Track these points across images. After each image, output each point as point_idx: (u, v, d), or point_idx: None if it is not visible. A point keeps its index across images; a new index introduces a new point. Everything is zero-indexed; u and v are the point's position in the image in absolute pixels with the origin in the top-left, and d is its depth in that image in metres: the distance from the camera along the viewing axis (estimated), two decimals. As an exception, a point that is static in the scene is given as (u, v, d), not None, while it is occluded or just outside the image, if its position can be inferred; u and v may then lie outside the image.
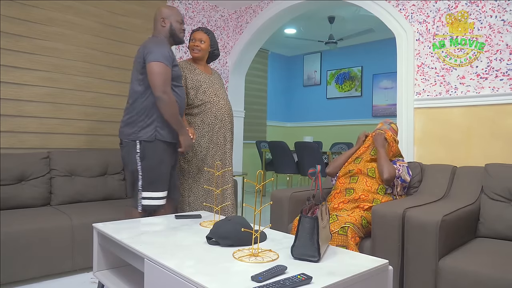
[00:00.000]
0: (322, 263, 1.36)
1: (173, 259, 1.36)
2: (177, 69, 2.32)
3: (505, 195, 2.11)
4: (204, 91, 2.66)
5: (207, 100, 2.65)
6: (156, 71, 2.16)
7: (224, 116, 2.70)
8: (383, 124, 2.65)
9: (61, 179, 2.87)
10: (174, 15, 2.39)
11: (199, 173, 2.67)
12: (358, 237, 2.07)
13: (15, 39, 2.90)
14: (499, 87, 2.61)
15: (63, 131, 3.16)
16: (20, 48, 2.93)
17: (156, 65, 2.16)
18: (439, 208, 1.97)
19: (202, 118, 2.66)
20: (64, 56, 3.16)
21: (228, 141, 2.76)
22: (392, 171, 2.38)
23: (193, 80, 2.66)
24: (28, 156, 2.78)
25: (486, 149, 2.64)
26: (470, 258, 1.75)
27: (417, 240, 1.84)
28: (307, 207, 1.51)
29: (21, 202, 2.66)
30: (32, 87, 2.99)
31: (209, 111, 2.66)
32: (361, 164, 2.50)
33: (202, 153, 2.67)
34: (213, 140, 2.68)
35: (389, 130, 2.60)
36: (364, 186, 2.37)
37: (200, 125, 2.67)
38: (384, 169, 2.37)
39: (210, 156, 2.68)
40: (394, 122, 2.71)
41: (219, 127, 2.69)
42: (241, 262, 1.35)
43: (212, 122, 2.67)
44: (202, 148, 2.67)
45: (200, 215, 2.15)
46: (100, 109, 3.37)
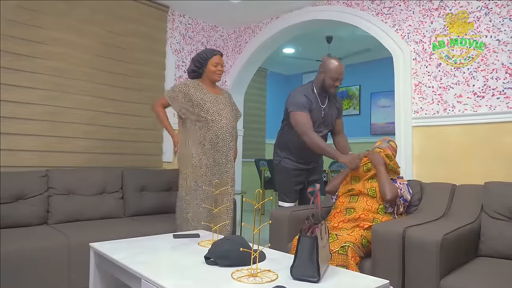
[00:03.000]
0: (322, 283, 1.34)
1: (170, 279, 1.34)
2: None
3: (505, 214, 2.10)
4: (208, 109, 2.66)
5: (209, 118, 2.65)
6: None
7: (226, 135, 2.69)
8: (381, 142, 2.65)
9: (58, 198, 2.85)
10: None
11: (198, 189, 2.65)
12: (358, 256, 2.04)
13: (17, 58, 2.93)
14: (496, 105, 2.63)
15: (62, 149, 3.15)
16: (21, 67, 2.95)
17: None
18: (440, 227, 1.96)
19: (204, 135, 2.66)
20: (65, 75, 3.18)
21: (230, 160, 2.75)
22: (395, 191, 2.36)
23: (198, 98, 2.68)
24: (26, 175, 2.77)
25: (485, 167, 2.64)
26: (472, 278, 1.73)
27: (418, 260, 1.82)
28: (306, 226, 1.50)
29: (18, 220, 2.63)
30: (32, 106, 3.00)
31: (211, 129, 2.66)
32: (360, 184, 2.49)
33: (202, 169, 2.66)
34: (215, 159, 2.67)
35: (388, 148, 2.59)
36: (364, 205, 2.36)
37: (202, 142, 2.66)
38: (386, 190, 2.35)
39: (210, 174, 2.67)
40: (393, 140, 2.71)
41: (221, 146, 2.68)
42: (240, 282, 1.33)
43: (214, 140, 2.66)
44: (202, 165, 2.66)
45: (199, 234, 2.13)
46: (99, 128, 3.37)
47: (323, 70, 2.69)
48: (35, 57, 3.02)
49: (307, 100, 2.67)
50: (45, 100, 3.07)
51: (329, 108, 2.83)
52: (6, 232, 2.42)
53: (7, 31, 2.88)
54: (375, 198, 2.39)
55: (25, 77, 2.97)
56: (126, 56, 3.57)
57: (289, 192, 2.85)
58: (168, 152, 3.85)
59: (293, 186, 2.85)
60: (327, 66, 2.66)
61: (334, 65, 2.65)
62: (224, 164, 2.70)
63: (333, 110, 2.87)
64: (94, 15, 3.36)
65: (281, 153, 2.89)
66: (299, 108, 2.65)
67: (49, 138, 3.09)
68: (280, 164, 2.87)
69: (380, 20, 3.26)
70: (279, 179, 2.91)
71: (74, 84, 3.23)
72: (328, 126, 2.87)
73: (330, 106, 2.84)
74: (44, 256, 2.28)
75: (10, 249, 2.17)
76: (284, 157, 2.86)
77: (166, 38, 3.91)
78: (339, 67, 2.65)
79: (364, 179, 2.50)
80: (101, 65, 3.41)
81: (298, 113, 2.64)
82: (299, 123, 2.63)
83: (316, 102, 2.73)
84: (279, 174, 2.91)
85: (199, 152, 2.66)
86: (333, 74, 2.64)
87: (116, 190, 3.18)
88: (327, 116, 2.81)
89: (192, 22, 4.17)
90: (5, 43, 2.87)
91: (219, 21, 4.31)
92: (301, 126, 2.62)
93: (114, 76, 3.49)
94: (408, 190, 2.49)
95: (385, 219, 2.31)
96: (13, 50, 2.91)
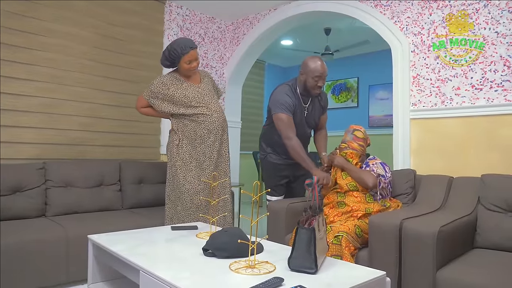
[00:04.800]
0: (319, 274, 1.35)
1: (169, 271, 1.35)
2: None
3: (501, 206, 2.11)
4: (196, 106, 2.60)
5: (199, 112, 2.60)
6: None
7: (218, 130, 2.64)
8: (346, 135, 2.61)
9: (56, 190, 2.84)
10: None
11: (186, 184, 2.59)
12: (353, 246, 2.06)
13: (13, 50, 2.91)
14: (493, 98, 2.63)
15: (59, 141, 3.15)
16: (18, 59, 2.93)
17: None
18: (436, 219, 1.97)
19: (195, 129, 2.61)
20: (62, 67, 3.16)
21: (222, 154, 2.70)
22: (372, 176, 2.37)
23: (181, 95, 2.59)
24: (24, 167, 2.76)
25: (482, 160, 2.65)
26: (468, 269, 1.75)
27: (415, 251, 1.84)
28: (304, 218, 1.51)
29: (16, 213, 2.63)
30: (29, 98, 2.99)
31: (202, 123, 2.60)
32: (340, 182, 2.48)
33: (192, 164, 2.62)
34: (206, 153, 2.62)
35: (353, 140, 2.56)
36: (353, 199, 2.38)
37: (193, 136, 2.62)
38: (365, 180, 2.36)
39: (201, 168, 2.62)
40: (358, 127, 2.62)
41: (212, 141, 2.63)
42: (238, 274, 1.34)
43: (205, 135, 2.61)
44: (193, 159, 2.62)
45: (197, 226, 2.13)
46: (96, 120, 3.36)
47: (304, 71, 2.60)
48: (32, 49, 3.00)
49: (290, 101, 2.62)
50: (42, 92, 3.05)
51: (312, 107, 2.78)
52: (4, 225, 2.42)
53: (4, 23, 2.85)
54: (358, 191, 2.41)
55: (22, 69, 2.95)
56: (123, 48, 3.55)
57: (276, 186, 2.85)
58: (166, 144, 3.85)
59: (279, 180, 2.85)
60: (308, 66, 2.57)
61: (315, 63, 2.55)
62: (215, 158, 2.65)
63: (316, 108, 2.82)
64: (91, 6, 3.33)
65: (267, 148, 2.87)
66: (282, 110, 2.60)
67: (47, 130, 3.08)
68: (266, 159, 2.87)
69: (378, 11, 3.24)
70: (266, 174, 2.91)
71: (71, 76, 3.22)
72: (311, 126, 2.85)
73: (313, 105, 2.79)
74: (43, 249, 2.28)
75: (9, 241, 2.18)
76: (270, 152, 2.85)
77: (163, 30, 3.89)
78: (320, 66, 2.54)
79: (339, 178, 2.49)
80: (98, 56, 3.39)
81: (280, 115, 2.60)
82: (281, 126, 2.60)
83: (298, 102, 2.69)
84: (265, 168, 2.90)
85: (191, 145, 2.62)
86: (315, 72, 2.54)
87: (114, 183, 3.18)
88: (309, 116, 2.78)
89: (189, 14, 4.14)
90: (2, 34, 2.85)
91: (217, 12, 4.28)
92: (284, 130, 2.59)
93: (112, 67, 3.47)
94: (383, 168, 2.47)
95: (377, 208, 2.32)
96: (10, 41, 2.88)
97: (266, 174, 2.91)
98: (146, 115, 2.81)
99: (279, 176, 2.85)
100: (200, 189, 2.59)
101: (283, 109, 2.60)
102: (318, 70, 2.54)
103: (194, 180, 2.58)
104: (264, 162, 2.90)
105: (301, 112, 2.72)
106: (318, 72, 2.54)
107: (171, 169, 2.64)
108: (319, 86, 2.60)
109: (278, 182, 2.85)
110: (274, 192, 2.86)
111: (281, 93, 2.67)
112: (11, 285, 2.16)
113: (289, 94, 2.65)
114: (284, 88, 2.70)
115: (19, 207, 2.65)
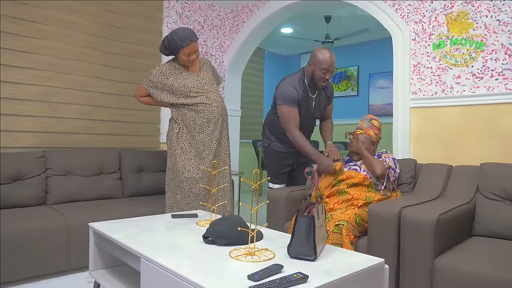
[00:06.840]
0: (318, 262, 1.36)
1: (169, 259, 1.36)
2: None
3: (500, 194, 2.12)
4: (195, 96, 2.60)
5: (198, 102, 2.60)
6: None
7: (218, 119, 2.64)
8: (363, 122, 2.64)
9: (56, 178, 2.85)
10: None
11: (185, 173, 2.60)
12: (353, 235, 2.08)
13: (11, 38, 2.88)
14: (494, 86, 2.62)
15: (59, 130, 3.14)
16: (16, 47, 2.91)
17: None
18: (435, 207, 1.98)
19: (194, 118, 2.62)
20: (60, 55, 3.14)
21: (222, 143, 2.71)
22: (382, 165, 2.41)
23: (180, 85, 2.58)
24: (24, 155, 2.77)
25: (482, 149, 2.65)
26: (466, 257, 1.76)
27: (413, 239, 1.85)
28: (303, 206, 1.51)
29: (16, 201, 2.64)
30: (28, 86, 2.98)
31: (202, 112, 2.60)
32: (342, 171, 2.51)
33: (191, 153, 2.62)
34: (205, 142, 2.63)
35: (369, 128, 2.58)
36: (354, 187, 2.40)
37: (193, 126, 2.62)
38: (375, 167, 2.40)
39: (200, 157, 2.63)
40: (375, 117, 2.66)
41: (212, 130, 2.63)
42: (238, 261, 1.35)
43: (205, 124, 2.61)
44: (192, 148, 2.63)
45: (197, 214, 2.14)
46: (95, 108, 3.35)
47: (312, 62, 2.59)
48: (30, 37, 2.98)
49: (296, 94, 2.61)
50: (41, 81, 3.04)
51: (319, 98, 2.78)
52: (5, 213, 2.43)
53: (2, 11, 2.82)
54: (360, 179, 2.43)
55: (20, 57, 2.93)
56: (122, 36, 3.52)
57: (279, 174, 2.86)
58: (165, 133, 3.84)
59: (282, 168, 2.86)
60: (316, 57, 2.55)
61: (323, 55, 2.53)
62: (215, 147, 2.65)
63: (322, 99, 2.82)
64: (88, -7, 3.30)
65: (271, 136, 2.87)
66: (287, 102, 2.59)
67: (46, 119, 3.07)
68: (270, 147, 2.86)
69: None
70: (269, 162, 2.91)
71: (69, 64, 3.20)
72: (317, 116, 2.86)
73: (320, 96, 2.79)
74: (44, 237, 2.30)
75: (10, 229, 2.19)
76: (274, 140, 2.85)
77: (162, 17, 3.85)
78: (329, 58, 2.52)
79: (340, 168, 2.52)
80: (97, 44, 3.36)
81: (285, 107, 2.60)
82: (285, 118, 2.60)
83: (306, 94, 2.68)
84: (269, 156, 2.90)
85: (190, 134, 2.62)
86: (323, 64, 2.52)
87: (114, 171, 3.19)
88: (316, 107, 2.78)
89: (188, 1, 4.10)
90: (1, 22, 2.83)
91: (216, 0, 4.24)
92: (287, 123, 2.60)
93: (110, 55, 3.45)
94: (394, 162, 2.52)
95: (378, 197, 2.34)
96: (8, 29, 2.86)
97: (269, 162, 2.91)
98: (146, 104, 2.81)
99: (282, 164, 2.86)
100: (199, 177, 2.60)
101: (288, 101, 2.60)
102: (327, 61, 2.52)
103: (193, 169, 2.59)
104: (267, 150, 2.90)
105: (308, 103, 2.72)
106: (326, 63, 2.52)
107: (171, 158, 2.64)
108: (326, 79, 2.59)
109: (281, 170, 2.86)
110: (277, 180, 2.87)
111: (288, 85, 2.65)
112: (12, 273, 2.18)
113: (296, 86, 2.64)
114: (292, 80, 2.68)
115: (19, 195, 2.66)
